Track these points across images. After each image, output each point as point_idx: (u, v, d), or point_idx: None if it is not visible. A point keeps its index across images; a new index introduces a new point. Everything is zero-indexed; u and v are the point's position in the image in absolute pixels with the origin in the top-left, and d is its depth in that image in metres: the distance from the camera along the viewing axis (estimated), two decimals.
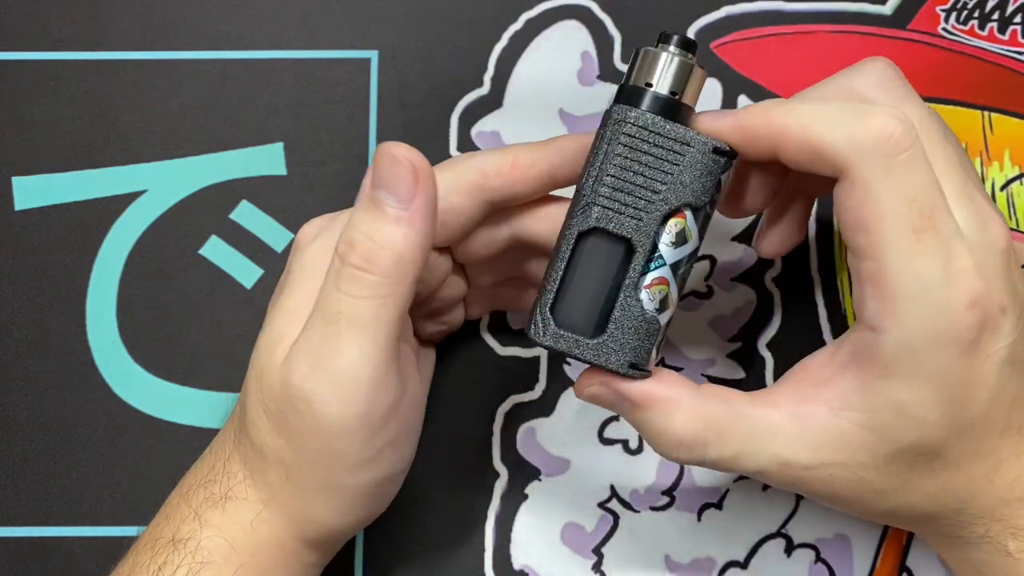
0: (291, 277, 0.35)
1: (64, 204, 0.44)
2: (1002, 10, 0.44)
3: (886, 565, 0.41)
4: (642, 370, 0.33)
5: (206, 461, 0.36)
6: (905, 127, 0.31)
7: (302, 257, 0.35)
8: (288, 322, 0.34)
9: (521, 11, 0.45)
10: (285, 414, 0.33)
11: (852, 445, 0.32)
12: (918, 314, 0.31)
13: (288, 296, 0.34)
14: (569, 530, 0.42)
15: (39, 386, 0.43)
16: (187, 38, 0.45)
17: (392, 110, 0.44)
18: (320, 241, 0.35)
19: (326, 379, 0.32)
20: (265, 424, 0.33)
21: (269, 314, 0.35)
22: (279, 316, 0.34)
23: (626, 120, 0.32)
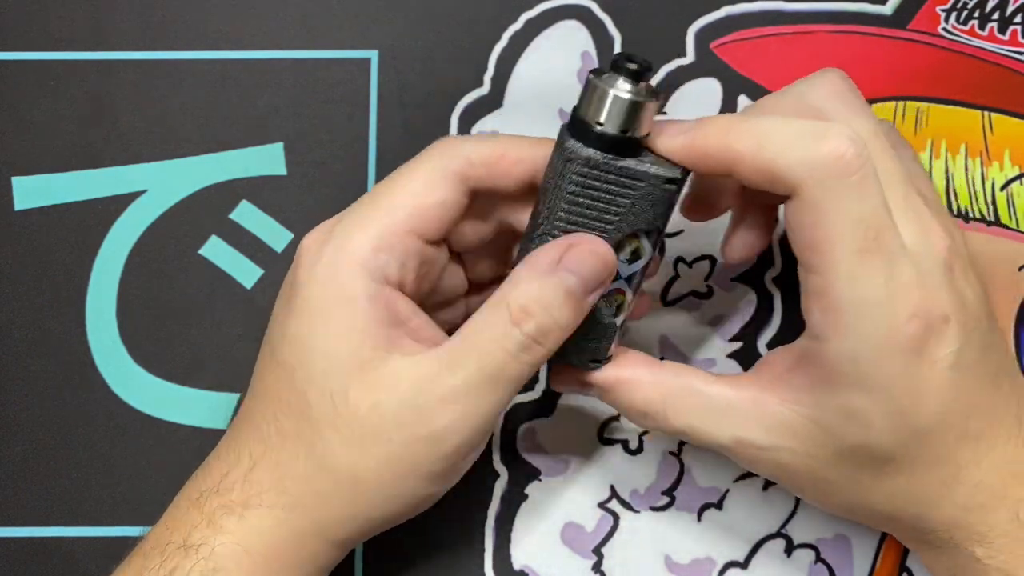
0: (313, 301, 0.34)
1: (64, 204, 0.44)
2: (1002, 10, 0.44)
3: (886, 565, 0.41)
4: (601, 361, 0.36)
5: (217, 467, 0.35)
6: (857, 148, 0.31)
7: (315, 274, 0.34)
8: (348, 349, 0.34)
9: (521, 11, 0.45)
10: (387, 440, 0.33)
11: (801, 436, 0.34)
12: (860, 328, 0.32)
13: (324, 323, 0.34)
14: (569, 530, 0.42)
15: (39, 386, 0.43)
16: (187, 38, 0.45)
17: (392, 110, 0.44)
18: (328, 256, 0.34)
19: (472, 424, 0.33)
20: (339, 441, 0.33)
21: (304, 337, 0.34)
22: (334, 342, 0.34)
23: (577, 159, 0.33)
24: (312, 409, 0.34)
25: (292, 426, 0.34)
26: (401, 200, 0.34)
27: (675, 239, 0.43)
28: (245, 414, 0.36)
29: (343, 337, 0.33)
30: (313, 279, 0.34)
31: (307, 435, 0.34)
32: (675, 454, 0.42)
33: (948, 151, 0.43)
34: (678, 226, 0.43)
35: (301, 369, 0.34)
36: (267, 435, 0.34)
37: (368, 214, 0.34)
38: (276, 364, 0.35)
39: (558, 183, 0.33)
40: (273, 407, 0.34)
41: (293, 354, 0.34)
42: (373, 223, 0.34)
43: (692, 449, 0.42)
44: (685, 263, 0.43)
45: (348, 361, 0.33)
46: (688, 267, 0.43)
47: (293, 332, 0.34)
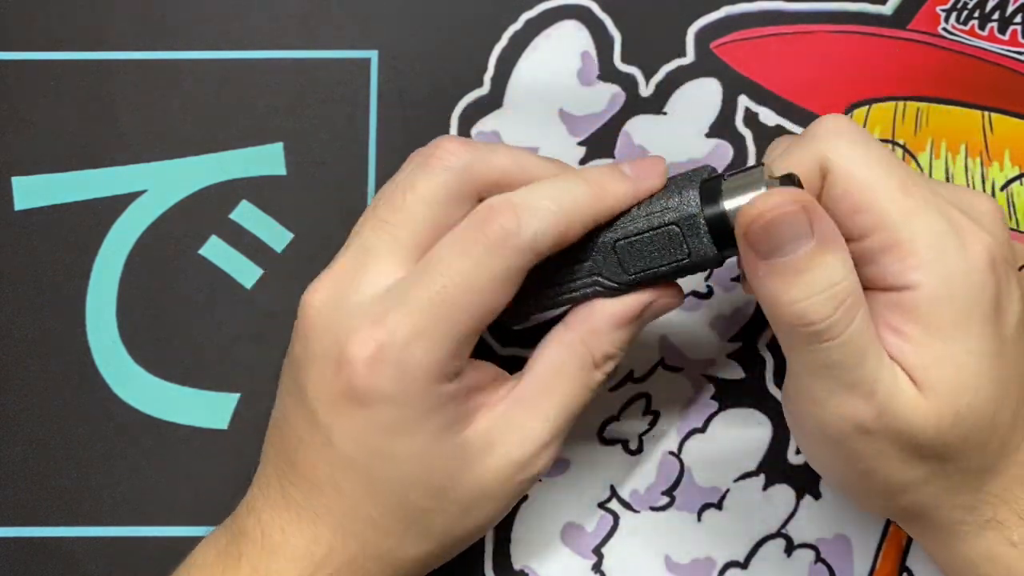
0: (395, 417, 0.33)
1: (64, 204, 0.44)
2: (1002, 10, 0.44)
3: (886, 565, 0.41)
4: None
5: (299, 556, 0.34)
6: (842, 118, 0.33)
7: (386, 389, 0.33)
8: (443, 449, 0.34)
9: (521, 11, 0.45)
10: (493, 499, 0.35)
11: (923, 407, 0.31)
12: (945, 262, 0.31)
13: (411, 436, 0.33)
14: (569, 530, 0.42)
15: (39, 386, 0.43)
16: (187, 38, 0.45)
17: (392, 110, 0.44)
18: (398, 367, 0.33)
19: (556, 455, 0.36)
20: (447, 518, 0.34)
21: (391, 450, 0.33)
22: (428, 450, 0.33)
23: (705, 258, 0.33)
24: (420, 504, 0.34)
25: (399, 523, 0.34)
26: (469, 312, 0.32)
27: None
28: (320, 511, 0.34)
29: (437, 440, 0.33)
30: (389, 403, 0.33)
31: (420, 524, 0.34)
32: (675, 454, 0.42)
33: (948, 151, 0.43)
34: None
35: (399, 479, 0.33)
36: (364, 536, 0.34)
37: (434, 329, 0.32)
38: (358, 476, 0.33)
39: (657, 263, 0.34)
40: (367, 511, 0.34)
41: (384, 468, 0.33)
42: (444, 340, 0.32)
43: (692, 449, 0.42)
44: None
45: (446, 456, 0.33)
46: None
47: (380, 450, 0.33)
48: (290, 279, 0.43)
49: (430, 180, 0.34)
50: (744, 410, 0.42)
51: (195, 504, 0.42)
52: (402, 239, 0.34)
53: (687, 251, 0.33)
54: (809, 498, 0.41)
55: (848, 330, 0.31)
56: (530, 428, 0.34)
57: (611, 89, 0.44)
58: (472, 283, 0.32)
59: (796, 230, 0.30)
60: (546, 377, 0.35)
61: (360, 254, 0.34)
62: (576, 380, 0.35)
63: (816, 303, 0.30)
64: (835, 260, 0.31)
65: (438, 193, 0.34)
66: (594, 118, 0.44)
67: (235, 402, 0.43)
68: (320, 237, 0.44)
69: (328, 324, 0.33)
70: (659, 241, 0.33)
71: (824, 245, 0.30)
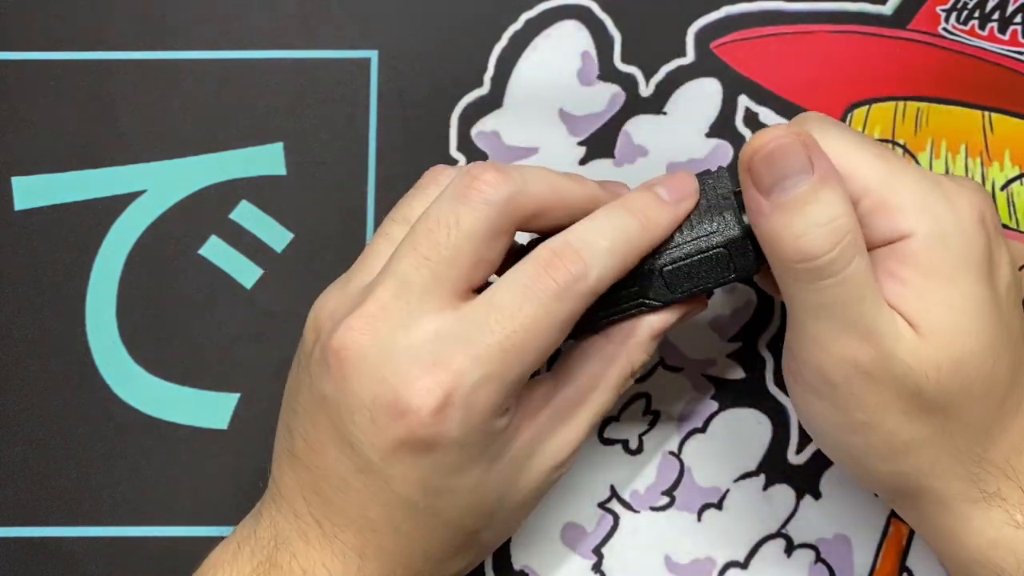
0: (455, 458, 0.33)
1: (64, 204, 0.44)
2: (1002, 10, 0.44)
3: (886, 565, 0.41)
4: None
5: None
6: (812, 113, 0.34)
7: (452, 431, 0.32)
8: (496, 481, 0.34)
9: (521, 11, 0.45)
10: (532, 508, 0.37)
11: (923, 351, 0.32)
12: (935, 212, 0.32)
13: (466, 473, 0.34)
14: (569, 530, 0.42)
15: (39, 386, 0.43)
16: (187, 38, 0.45)
17: (392, 110, 0.44)
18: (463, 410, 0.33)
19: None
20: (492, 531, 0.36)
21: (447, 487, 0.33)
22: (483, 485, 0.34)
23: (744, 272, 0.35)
24: (472, 528, 0.35)
25: (452, 551, 0.35)
26: (535, 357, 0.33)
27: None
28: (369, 550, 0.34)
29: (491, 469, 0.34)
30: (453, 444, 0.32)
31: (468, 546, 0.35)
32: (675, 454, 0.42)
33: (948, 151, 0.43)
34: None
35: (456, 510, 0.34)
36: (416, 566, 0.34)
37: (502, 375, 0.32)
38: (419, 516, 0.33)
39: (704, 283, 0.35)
40: (423, 547, 0.34)
41: (440, 504, 0.33)
42: (508, 384, 0.32)
43: (692, 449, 0.42)
44: None
45: (497, 482, 0.34)
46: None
47: (441, 488, 0.33)
48: (290, 279, 0.43)
49: (472, 215, 0.33)
50: (744, 410, 0.42)
51: (195, 504, 0.42)
52: (445, 277, 0.33)
53: (733, 269, 0.35)
54: (809, 498, 0.41)
55: (847, 269, 0.31)
56: (568, 435, 0.36)
57: (611, 89, 0.44)
58: (540, 329, 0.32)
59: (797, 162, 0.31)
60: (586, 388, 0.35)
61: (403, 293, 0.33)
62: (615, 390, 0.36)
63: (817, 237, 0.31)
64: (834, 195, 0.31)
65: (480, 229, 0.33)
66: (594, 118, 0.44)
67: (235, 402, 0.43)
68: (320, 237, 0.44)
69: (376, 368, 0.32)
70: (707, 263, 0.35)
71: (824, 180, 0.31)
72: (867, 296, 0.32)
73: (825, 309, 0.32)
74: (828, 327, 0.32)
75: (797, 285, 0.32)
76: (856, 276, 0.31)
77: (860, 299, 0.31)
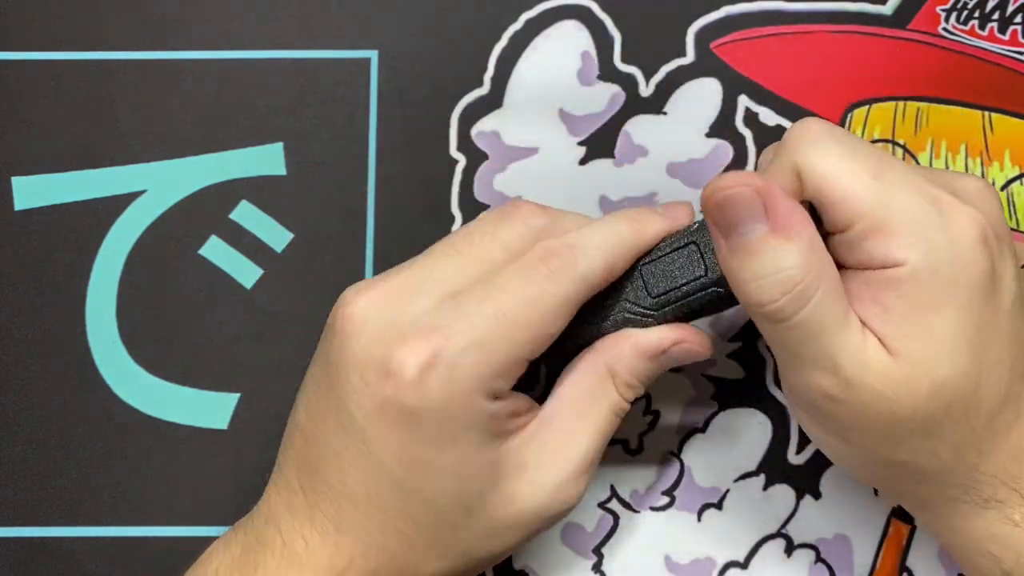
0: (439, 430, 0.33)
1: (64, 204, 0.44)
2: (1002, 10, 0.44)
3: (886, 565, 0.41)
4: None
5: (319, 566, 0.34)
6: (808, 121, 0.34)
7: (433, 400, 0.33)
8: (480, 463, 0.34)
9: (521, 11, 0.45)
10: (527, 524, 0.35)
11: (895, 377, 0.32)
12: (927, 236, 0.31)
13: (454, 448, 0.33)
14: (569, 530, 0.42)
15: (39, 386, 0.43)
16: (187, 38, 0.45)
17: (392, 110, 0.44)
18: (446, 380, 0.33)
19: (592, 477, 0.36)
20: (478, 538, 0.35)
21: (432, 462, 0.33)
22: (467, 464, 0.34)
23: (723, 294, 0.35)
24: (449, 519, 0.34)
25: (425, 537, 0.34)
26: (526, 333, 0.33)
27: None
28: (345, 523, 0.34)
29: (474, 454, 0.34)
30: (434, 410, 0.33)
31: (443, 540, 0.34)
32: (675, 454, 0.42)
33: (948, 151, 0.43)
34: None
35: (432, 490, 0.34)
36: (391, 549, 0.34)
37: (491, 342, 0.33)
38: (395, 487, 0.34)
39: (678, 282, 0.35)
40: (398, 523, 0.34)
41: (420, 478, 0.33)
42: (497, 354, 0.33)
43: (692, 449, 0.42)
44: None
45: (480, 472, 0.34)
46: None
47: (420, 459, 0.33)
48: (290, 279, 0.43)
49: (510, 229, 0.35)
50: (744, 410, 0.42)
51: (195, 504, 0.42)
52: (471, 272, 0.34)
53: (704, 268, 0.35)
54: (809, 498, 0.41)
55: (797, 316, 0.32)
56: (560, 450, 0.35)
57: (611, 89, 0.44)
58: (532, 306, 0.33)
59: (748, 211, 0.32)
60: (572, 398, 0.36)
61: (423, 272, 0.35)
62: (601, 402, 0.35)
63: (762, 286, 0.32)
64: (786, 247, 0.31)
65: (515, 242, 0.35)
66: (594, 118, 0.44)
67: (235, 402, 0.43)
68: (320, 237, 0.44)
69: (377, 330, 0.33)
70: (679, 260, 0.35)
71: (776, 232, 0.32)
72: (824, 332, 0.32)
73: (782, 345, 0.33)
74: (791, 359, 0.33)
75: (755, 321, 0.33)
76: (809, 320, 0.32)
77: (815, 337, 0.32)
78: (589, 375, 0.36)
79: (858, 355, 0.32)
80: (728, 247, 0.32)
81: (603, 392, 0.35)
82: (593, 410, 0.35)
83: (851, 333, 0.32)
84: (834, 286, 0.32)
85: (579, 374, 0.36)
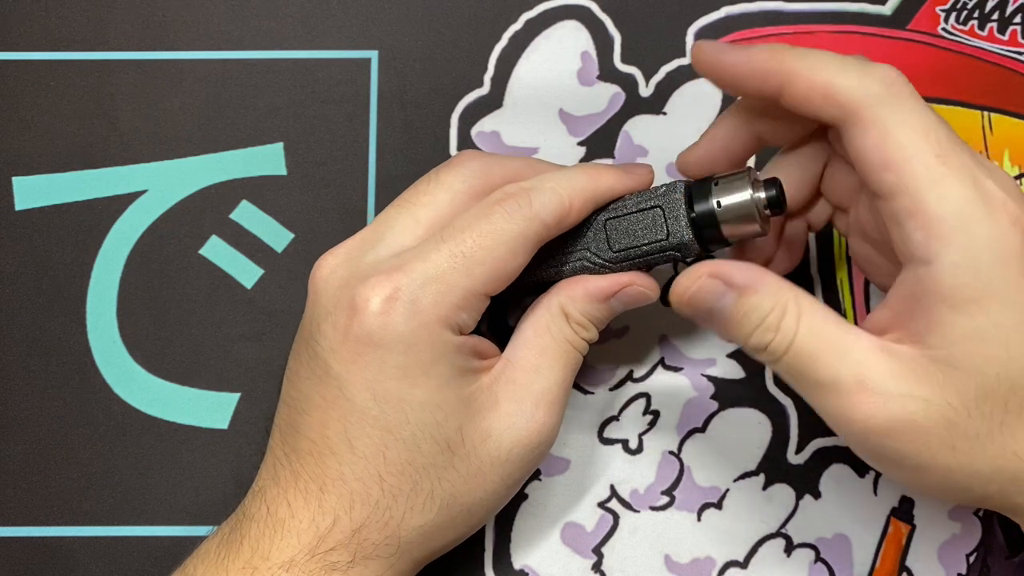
0: (407, 363, 0.34)
1: (64, 204, 0.44)
2: (1002, 10, 0.44)
3: (886, 565, 0.41)
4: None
5: (304, 531, 0.34)
6: (902, 75, 0.33)
7: (399, 335, 0.34)
8: (453, 398, 0.35)
9: (521, 11, 0.45)
10: (504, 461, 0.36)
11: (937, 381, 0.31)
12: (970, 232, 0.31)
13: (426, 382, 0.34)
14: (569, 530, 0.42)
15: (39, 386, 0.43)
16: (187, 38, 0.45)
17: (392, 110, 0.44)
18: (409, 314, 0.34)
19: (562, 415, 0.37)
20: (461, 479, 0.35)
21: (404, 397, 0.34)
22: (439, 396, 0.34)
23: (684, 248, 0.36)
24: (429, 459, 0.34)
25: (406, 482, 0.34)
26: (483, 267, 0.35)
27: None
28: (327, 479, 0.34)
29: (446, 388, 0.34)
30: (401, 342, 0.34)
31: (425, 486, 0.35)
32: (675, 454, 0.42)
33: None
34: None
35: (409, 426, 0.34)
36: (373, 498, 0.34)
37: (448, 275, 0.34)
38: (370, 427, 0.34)
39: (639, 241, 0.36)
40: (377, 469, 0.34)
41: (395, 415, 0.34)
42: (456, 288, 0.34)
43: (692, 449, 0.42)
44: (685, 263, 0.43)
45: (455, 406, 0.35)
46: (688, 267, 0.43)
47: (392, 394, 0.34)
48: (290, 279, 0.43)
49: (450, 173, 0.37)
50: (744, 410, 0.42)
51: (195, 504, 0.42)
52: (422, 217, 0.36)
53: (666, 232, 0.36)
54: (809, 498, 0.41)
55: (790, 351, 0.33)
56: (526, 384, 0.36)
57: (611, 89, 0.44)
58: (488, 241, 0.35)
59: (715, 294, 0.34)
60: (531, 336, 0.37)
61: (379, 226, 0.36)
62: (558, 338, 0.37)
63: (755, 338, 0.34)
64: (757, 299, 0.33)
65: (455, 182, 0.37)
66: (594, 118, 0.44)
67: (235, 402, 0.43)
68: (320, 237, 0.44)
69: (341, 281, 0.35)
70: (643, 221, 0.36)
71: (744, 292, 0.34)
72: (823, 357, 0.32)
73: (793, 379, 0.34)
74: (807, 392, 0.34)
75: (780, 372, 0.34)
76: (802, 348, 0.33)
77: (814, 364, 0.33)
78: (545, 314, 0.37)
79: (880, 366, 0.32)
80: (719, 328, 0.35)
81: (558, 329, 0.37)
82: (551, 345, 0.36)
83: (863, 345, 0.32)
84: (815, 304, 0.33)
85: (536, 314, 0.37)
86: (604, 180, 0.37)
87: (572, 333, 0.37)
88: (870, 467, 0.41)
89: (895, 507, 0.41)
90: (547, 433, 0.36)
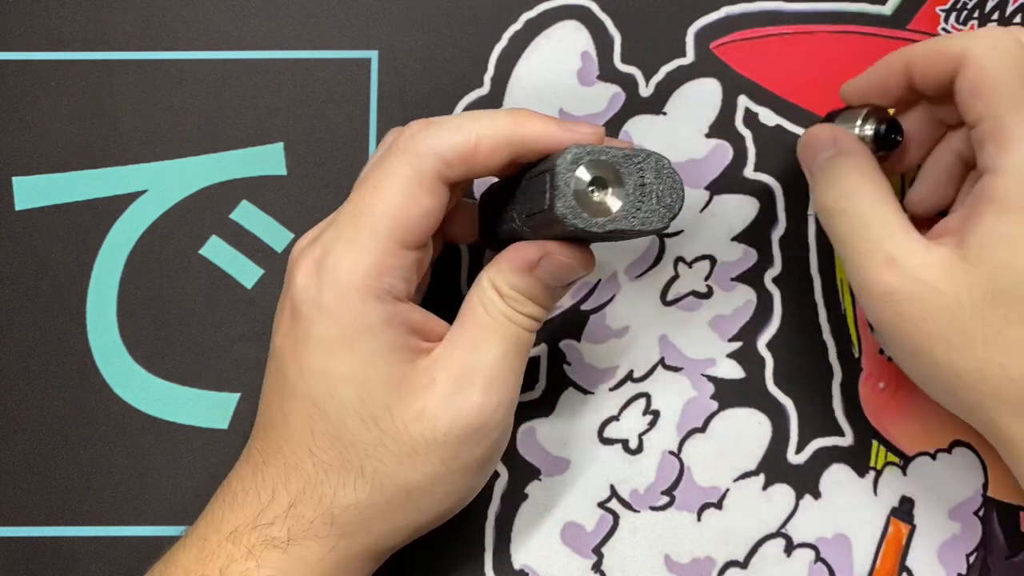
0: (330, 335, 0.34)
1: (64, 204, 0.44)
2: (1002, 10, 0.44)
3: (886, 565, 0.41)
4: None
5: (247, 503, 0.35)
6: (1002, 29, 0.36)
7: (323, 308, 0.34)
8: (380, 373, 0.34)
9: (521, 11, 0.45)
10: (438, 442, 0.34)
11: (955, 274, 0.33)
12: None
13: (349, 355, 0.34)
14: (569, 530, 0.42)
15: (39, 386, 0.43)
16: (187, 38, 0.45)
17: (392, 110, 0.44)
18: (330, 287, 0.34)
19: (509, 397, 0.36)
20: (391, 458, 0.34)
21: (329, 371, 0.34)
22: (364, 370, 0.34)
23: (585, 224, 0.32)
24: (355, 436, 0.34)
25: (335, 458, 0.34)
26: (386, 219, 0.34)
27: (675, 239, 0.43)
28: (269, 452, 0.35)
29: (372, 364, 0.34)
30: (322, 313, 0.34)
31: (355, 462, 0.34)
32: (675, 454, 0.42)
33: None
34: (678, 226, 0.43)
35: (333, 401, 0.34)
36: (306, 471, 0.34)
37: (356, 238, 0.34)
38: (299, 401, 0.34)
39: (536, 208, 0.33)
40: (307, 443, 0.34)
41: (319, 388, 0.34)
42: (367, 250, 0.34)
43: (692, 449, 0.42)
44: (685, 263, 0.43)
45: (383, 383, 0.34)
46: (688, 267, 0.43)
47: (315, 367, 0.34)
48: None
49: (384, 143, 0.37)
50: (744, 410, 0.42)
51: (195, 504, 0.42)
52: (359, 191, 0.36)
53: (547, 199, 0.32)
54: (809, 498, 0.41)
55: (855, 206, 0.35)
56: (465, 362, 0.35)
57: (611, 89, 0.44)
58: (383, 190, 0.34)
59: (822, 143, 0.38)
60: (467, 313, 0.36)
61: (338, 210, 0.37)
62: (494, 314, 0.35)
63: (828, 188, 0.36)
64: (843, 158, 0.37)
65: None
66: (594, 118, 0.44)
67: (235, 402, 0.43)
68: None
69: (293, 261, 0.36)
70: (538, 186, 0.33)
71: (838, 153, 0.37)
72: (873, 227, 0.35)
73: (839, 242, 0.36)
74: (854, 254, 0.35)
75: (825, 226, 0.37)
76: (859, 211, 0.35)
77: (868, 227, 0.35)
78: (479, 291, 0.36)
79: (913, 251, 0.34)
80: (813, 170, 0.37)
81: (492, 304, 0.35)
82: (488, 322, 0.35)
83: (906, 232, 0.35)
84: (888, 194, 0.36)
85: (472, 292, 0.36)
86: (529, 126, 0.34)
87: (508, 308, 0.35)
88: (870, 467, 0.41)
89: (895, 507, 0.41)
90: (488, 413, 0.35)
